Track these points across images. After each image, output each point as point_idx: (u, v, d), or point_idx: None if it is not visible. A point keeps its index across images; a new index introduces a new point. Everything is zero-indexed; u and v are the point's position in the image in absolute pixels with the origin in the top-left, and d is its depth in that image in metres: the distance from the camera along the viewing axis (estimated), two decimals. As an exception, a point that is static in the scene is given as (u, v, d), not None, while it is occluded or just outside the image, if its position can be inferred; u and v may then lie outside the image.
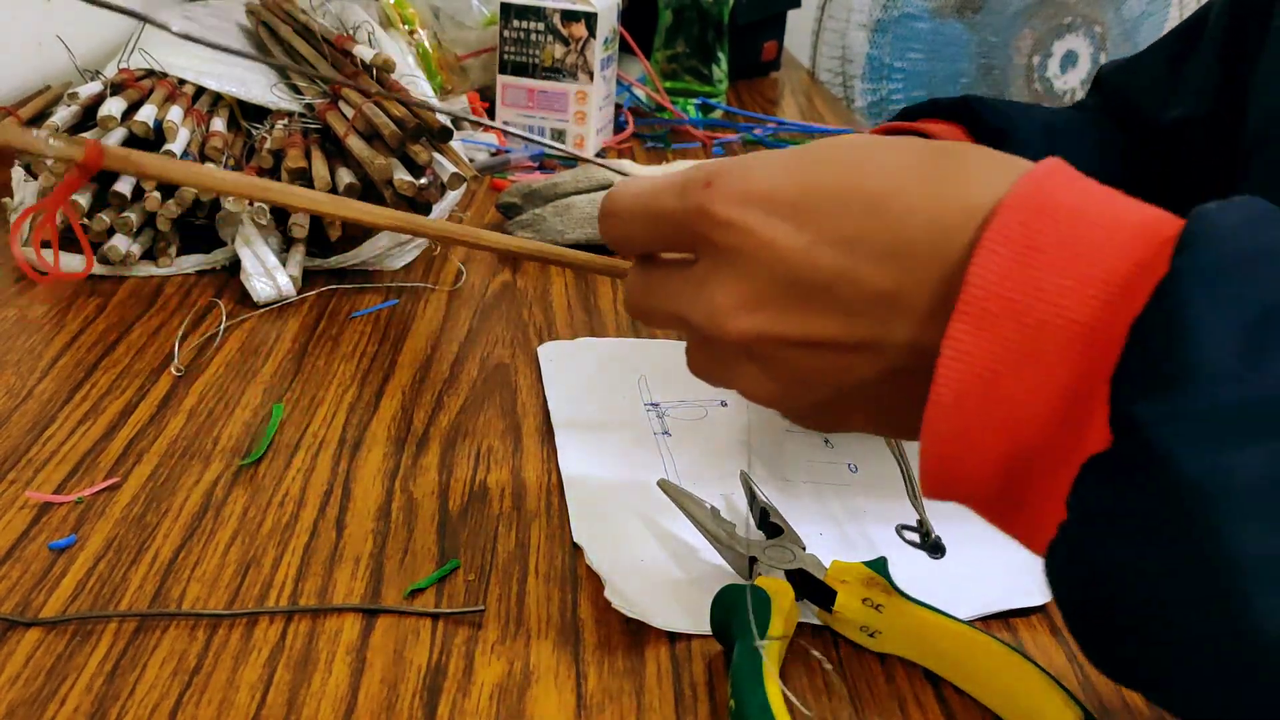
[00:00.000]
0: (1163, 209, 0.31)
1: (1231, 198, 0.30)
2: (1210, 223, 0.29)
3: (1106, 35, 2.00)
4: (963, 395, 0.30)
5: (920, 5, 1.90)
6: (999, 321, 0.29)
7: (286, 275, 0.73)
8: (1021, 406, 0.30)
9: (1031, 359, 0.29)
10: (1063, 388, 0.29)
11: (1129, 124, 0.72)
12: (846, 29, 1.92)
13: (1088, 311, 0.29)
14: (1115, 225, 0.30)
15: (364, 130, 0.76)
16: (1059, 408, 0.29)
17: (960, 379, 0.30)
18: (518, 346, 0.69)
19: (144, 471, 0.54)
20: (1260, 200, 0.30)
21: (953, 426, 0.31)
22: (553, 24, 1.03)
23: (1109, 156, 0.69)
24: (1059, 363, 0.29)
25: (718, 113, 1.27)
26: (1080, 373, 0.29)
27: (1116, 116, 0.73)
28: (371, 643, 0.44)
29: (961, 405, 0.30)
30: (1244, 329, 0.26)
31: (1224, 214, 0.29)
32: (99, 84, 0.77)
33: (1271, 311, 0.26)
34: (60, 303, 0.71)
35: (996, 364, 0.30)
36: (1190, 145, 0.67)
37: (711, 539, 0.49)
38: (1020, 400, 0.30)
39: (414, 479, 0.55)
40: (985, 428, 0.30)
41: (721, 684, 0.43)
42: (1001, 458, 0.30)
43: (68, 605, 0.45)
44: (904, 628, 0.44)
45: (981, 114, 0.65)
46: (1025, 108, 0.69)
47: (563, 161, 1.06)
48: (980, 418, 0.30)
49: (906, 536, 0.47)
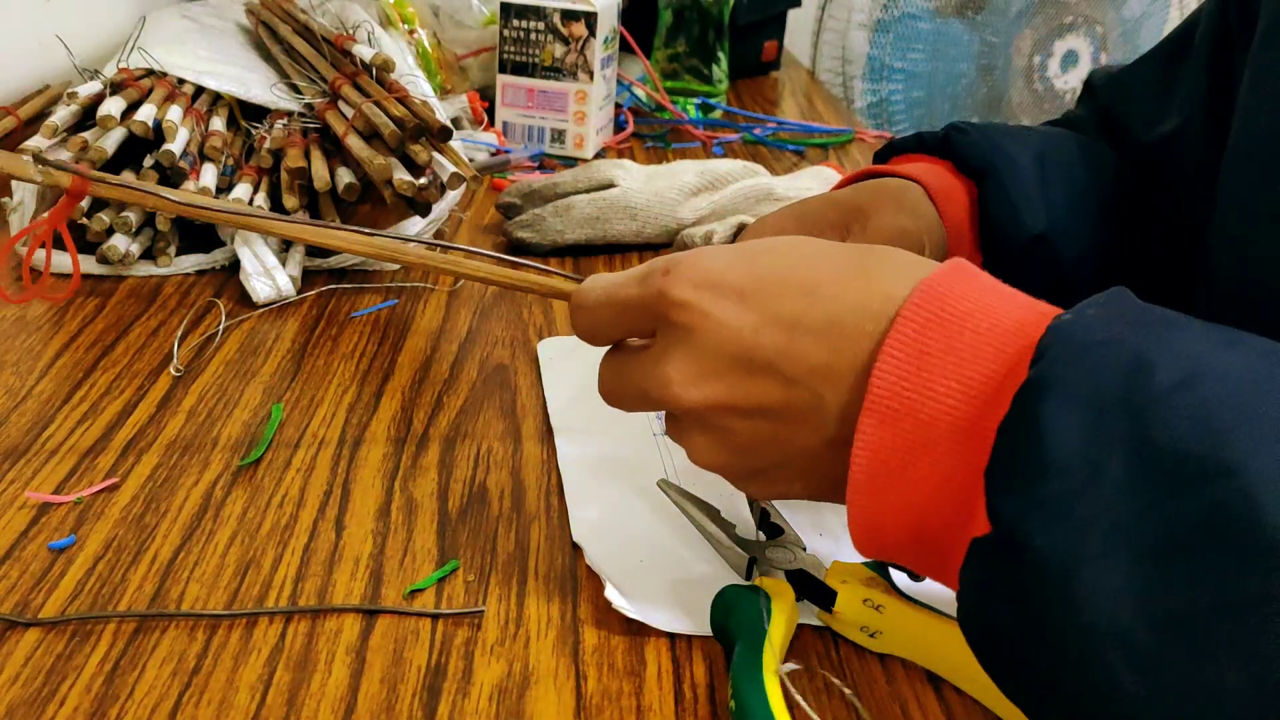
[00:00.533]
0: (1046, 303, 0.36)
1: (1096, 295, 0.35)
2: (1062, 330, 0.33)
3: (1107, 35, 2.00)
4: (872, 477, 0.35)
5: (921, 5, 1.90)
6: (899, 418, 0.35)
7: (286, 275, 0.73)
8: (919, 491, 0.35)
9: (925, 450, 0.34)
10: (949, 478, 0.34)
11: (1121, 141, 0.71)
12: (847, 29, 1.92)
13: (967, 412, 0.34)
14: (992, 332, 0.35)
15: (363, 130, 0.76)
16: (948, 494, 0.34)
17: (869, 464, 0.35)
18: (517, 347, 0.69)
19: (143, 471, 0.54)
20: (1122, 294, 0.35)
21: (867, 503, 0.36)
22: (553, 23, 1.03)
23: (1102, 179, 0.68)
24: (945, 456, 0.34)
25: (718, 113, 1.27)
26: (963, 466, 0.34)
27: (1108, 132, 0.73)
28: (371, 643, 0.44)
29: (872, 486, 0.35)
30: (1084, 428, 0.31)
31: (1078, 319, 0.34)
32: (98, 83, 0.77)
33: (1107, 407, 0.31)
34: (59, 303, 0.71)
35: (898, 454, 0.35)
36: (1182, 159, 0.67)
37: (711, 539, 0.49)
38: (918, 485, 0.35)
39: (414, 479, 0.55)
40: (894, 506, 0.35)
41: (722, 684, 0.43)
42: (910, 530, 0.36)
43: (67, 605, 0.45)
44: (904, 628, 0.44)
45: (965, 152, 0.64)
46: (1015, 135, 0.67)
47: (562, 161, 1.06)
48: (889, 497, 0.35)
49: None
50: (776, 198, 0.88)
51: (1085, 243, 0.65)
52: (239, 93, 0.84)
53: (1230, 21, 0.62)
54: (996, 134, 0.66)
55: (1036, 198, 0.63)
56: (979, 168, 0.63)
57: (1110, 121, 0.73)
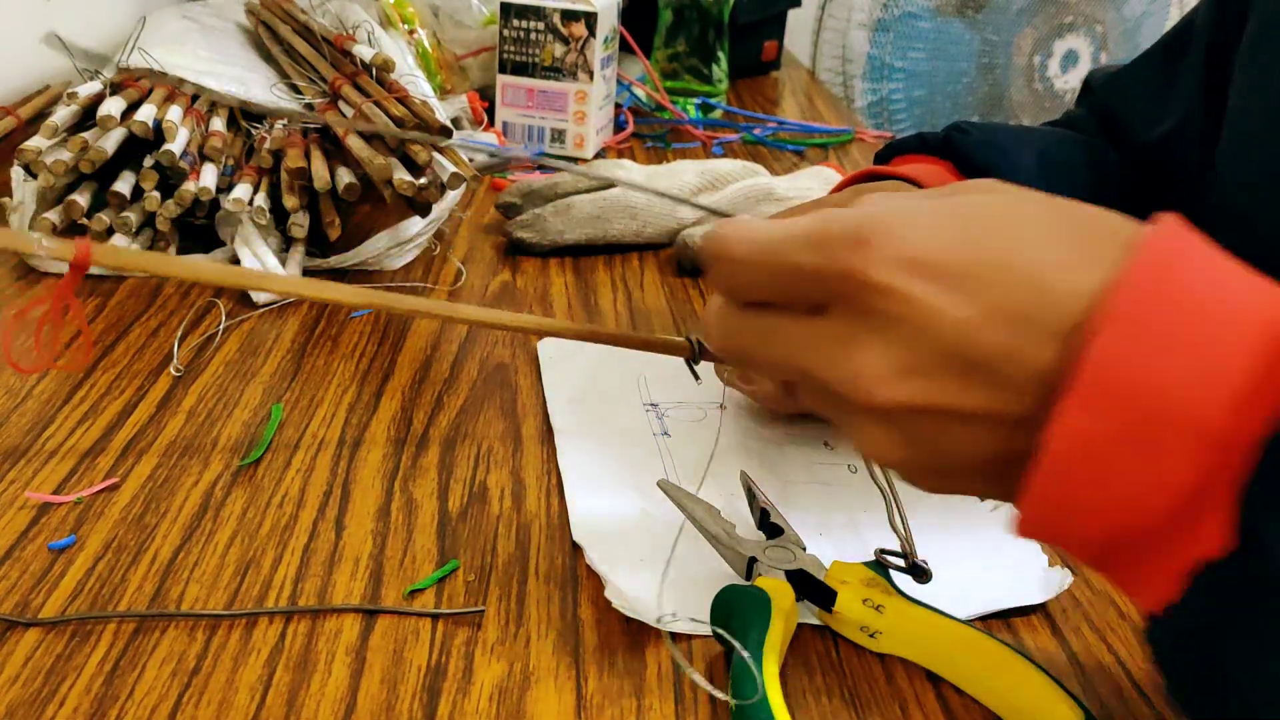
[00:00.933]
0: None
1: None
2: None
3: (1107, 35, 2.00)
4: (1070, 467, 0.31)
5: (921, 4, 1.90)
6: (1116, 405, 0.30)
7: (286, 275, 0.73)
8: (1124, 490, 0.30)
9: (1145, 447, 0.29)
10: (1182, 483, 0.29)
11: (1120, 140, 0.71)
12: (847, 28, 1.92)
13: (1216, 413, 0.29)
14: (1236, 321, 0.30)
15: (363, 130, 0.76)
16: (1175, 501, 0.30)
17: (1068, 451, 0.30)
18: (518, 346, 0.69)
19: (143, 472, 0.54)
20: None
21: (1057, 493, 0.31)
22: (553, 23, 1.03)
23: (1105, 182, 0.67)
24: (1180, 457, 0.29)
25: (718, 112, 1.27)
26: (1204, 472, 0.29)
27: (1108, 132, 0.72)
28: (371, 643, 0.44)
29: (1068, 476, 0.31)
30: None
31: None
32: (98, 84, 0.77)
33: None
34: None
35: (1110, 445, 0.30)
36: (1181, 158, 0.67)
37: (711, 539, 0.49)
38: (1126, 483, 0.30)
39: (414, 479, 0.55)
40: (1087, 501, 0.31)
41: (722, 684, 0.43)
42: (1098, 529, 0.31)
43: (67, 605, 0.45)
44: (904, 628, 0.44)
45: (968, 152, 0.63)
46: (1016, 135, 0.66)
47: (562, 162, 1.06)
48: (1085, 492, 0.31)
49: (890, 561, 0.47)
50: (777, 198, 0.88)
51: None
52: (239, 93, 0.84)
53: (1228, 19, 0.62)
54: (998, 134, 0.65)
55: None
56: (981, 167, 0.62)
57: (1109, 120, 0.73)
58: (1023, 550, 0.52)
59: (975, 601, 0.48)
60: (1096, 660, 0.46)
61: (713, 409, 0.62)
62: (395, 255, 0.79)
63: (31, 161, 0.71)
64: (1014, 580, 0.49)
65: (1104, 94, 0.75)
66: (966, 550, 0.51)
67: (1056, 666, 0.45)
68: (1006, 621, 0.48)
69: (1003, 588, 0.49)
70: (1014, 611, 0.48)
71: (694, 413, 0.62)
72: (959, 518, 0.54)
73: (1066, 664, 0.45)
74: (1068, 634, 0.47)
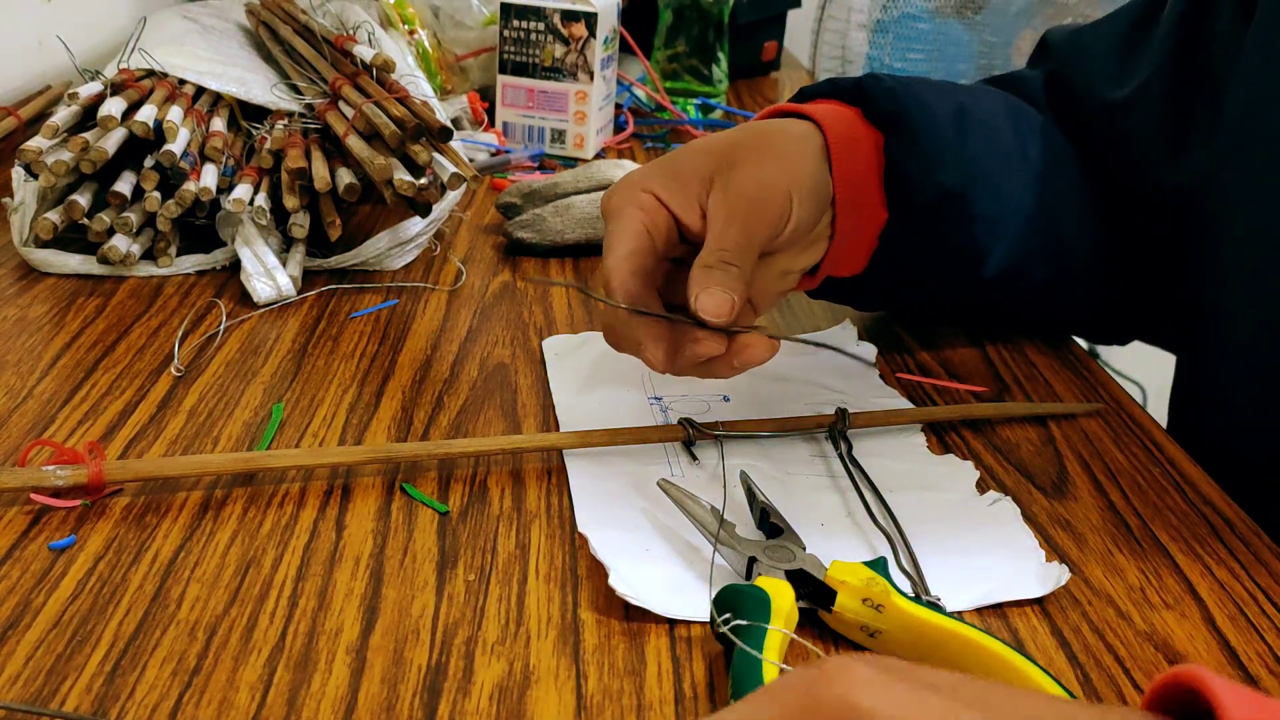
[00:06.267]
0: None
1: None
2: None
3: (1107, 35, 2.00)
4: None
5: (920, 5, 1.90)
6: None
7: (286, 275, 0.73)
8: None
9: None
10: None
11: (1071, 101, 0.70)
12: (846, 29, 1.92)
13: None
14: None
15: (364, 130, 0.76)
16: None
17: None
18: (518, 346, 0.69)
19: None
20: None
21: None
22: (553, 24, 1.03)
23: (1030, 140, 0.67)
24: None
25: (718, 113, 1.27)
26: None
27: (1057, 92, 0.71)
28: (371, 643, 0.44)
29: None
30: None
31: None
32: (99, 84, 0.77)
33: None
34: (60, 303, 0.71)
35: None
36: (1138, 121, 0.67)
37: (711, 539, 0.49)
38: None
39: (414, 479, 0.55)
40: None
41: (722, 684, 0.43)
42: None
43: (67, 605, 0.45)
44: (904, 628, 0.44)
45: (875, 100, 0.61)
46: (939, 88, 0.65)
47: (562, 161, 1.06)
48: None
49: None
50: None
51: (1005, 203, 0.64)
52: (240, 93, 0.84)
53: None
54: (917, 85, 0.63)
55: (952, 152, 0.61)
56: (889, 116, 0.61)
57: (1062, 81, 0.72)
58: (1020, 545, 0.52)
59: (972, 594, 0.48)
60: (1095, 660, 0.46)
61: (716, 401, 0.63)
62: (396, 255, 0.79)
63: (32, 161, 0.71)
64: (1011, 573, 0.49)
65: (1060, 53, 0.74)
66: (963, 544, 0.51)
67: (1056, 666, 0.45)
68: (1006, 621, 0.48)
69: (999, 580, 0.49)
70: (1012, 608, 0.48)
71: (698, 405, 0.62)
72: (956, 511, 0.54)
73: (1066, 664, 0.45)
74: (1067, 634, 0.47)
